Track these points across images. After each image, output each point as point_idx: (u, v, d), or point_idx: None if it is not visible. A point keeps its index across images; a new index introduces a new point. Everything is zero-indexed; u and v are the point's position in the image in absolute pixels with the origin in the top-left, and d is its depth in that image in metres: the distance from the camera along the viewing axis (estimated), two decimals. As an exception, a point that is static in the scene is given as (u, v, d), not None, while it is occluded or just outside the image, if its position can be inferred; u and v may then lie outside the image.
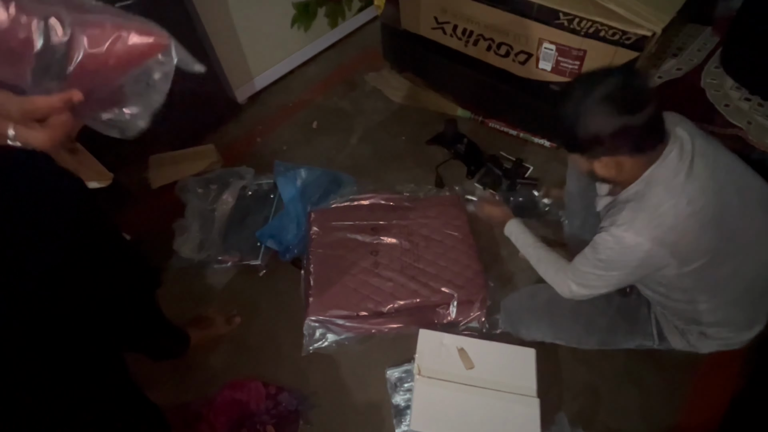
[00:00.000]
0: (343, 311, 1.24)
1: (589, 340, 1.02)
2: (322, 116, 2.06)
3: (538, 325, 1.06)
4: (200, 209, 1.58)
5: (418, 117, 2.01)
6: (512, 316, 1.13)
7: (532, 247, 1.04)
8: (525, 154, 1.78)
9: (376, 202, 1.56)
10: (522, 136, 1.83)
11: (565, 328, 1.02)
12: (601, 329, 1.00)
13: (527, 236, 1.08)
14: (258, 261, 1.46)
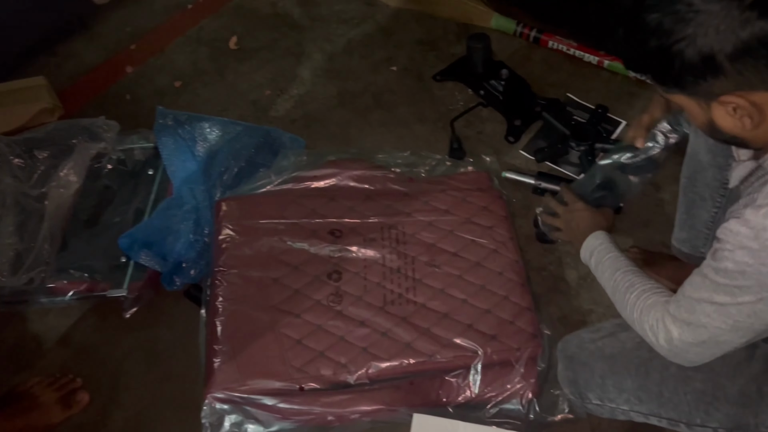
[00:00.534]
0: (276, 382, 1.22)
1: (709, 418, 1.03)
2: (248, 27, 2.05)
3: (620, 386, 1.07)
4: (17, 196, 1.53)
5: (421, 31, 2.00)
6: (576, 369, 1.13)
7: (621, 272, 1.05)
8: (612, 97, 1.78)
9: (341, 183, 1.55)
10: (607, 66, 1.83)
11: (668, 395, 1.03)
12: (734, 401, 1.01)
13: (618, 257, 1.08)
14: (122, 291, 1.43)
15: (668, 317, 0.91)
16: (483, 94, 1.79)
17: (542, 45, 1.90)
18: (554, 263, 1.50)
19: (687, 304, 0.88)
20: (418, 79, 1.88)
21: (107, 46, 2.00)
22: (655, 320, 0.93)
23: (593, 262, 1.13)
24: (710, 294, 0.84)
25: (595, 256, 1.12)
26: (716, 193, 1.20)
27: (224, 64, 1.94)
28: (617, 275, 1.06)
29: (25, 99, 1.77)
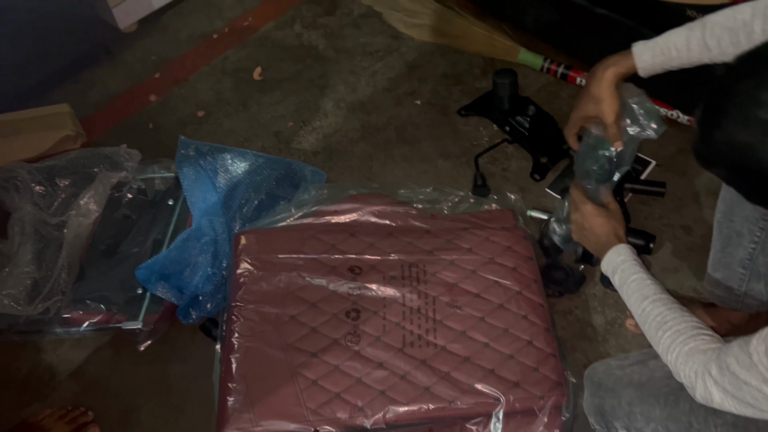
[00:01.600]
0: (290, 423, 1.19)
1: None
2: (273, 58, 2.07)
3: (649, 415, 1.05)
4: (36, 223, 1.55)
5: (446, 64, 2.01)
6: (602, 396, 1.12)
7: (650, 302, 1.04)
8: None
9: (362, 219, 1.54)
10: (636, 105, 1.83)
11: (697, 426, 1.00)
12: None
13: (644, 280, 1.07)
14: (137, 323, 1.43)
15: (709, 379, 0.88)
16: (508, 130, 1.78)
17: (570, 81, 1.89)
18: (580, 307, 1.47)
19: (733, 380, 0.85)
20: (442, 113, 1.88)
21: (131, 75, 2.02)
22: (693, 373, 0.91)
23: (617, 281, 1.12)
24: (759, 384, 0.81)
25: (619, 274, 1.12)
26: (755, 226, 1.17)
27: (248, 94, 1.95)
28: (645, 304, 1.04)
29: (49, 126, 1.78)
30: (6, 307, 1.44)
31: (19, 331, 1.45)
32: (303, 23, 2.15)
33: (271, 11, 2.19)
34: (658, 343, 0.99)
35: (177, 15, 2.20)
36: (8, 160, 1.69)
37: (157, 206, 1.62)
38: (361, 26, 2.14)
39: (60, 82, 1.98)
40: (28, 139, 1.76)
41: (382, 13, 2.15)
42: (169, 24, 2.17)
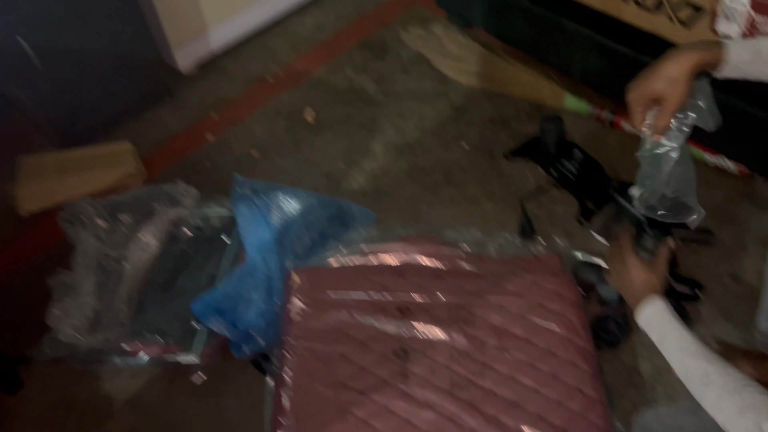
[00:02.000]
0: (340, 461, 1.21)
1: None
2: (325, 101, 2.13)
3: None
4: (99, 257, 1.61)
5: (493, 109, 2.05)
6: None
7: (691, 357, 1.02)
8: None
9: (411, 259, 1.57)
10: (684, 152, 1.83)
11: None
12: None
13: (683, 335, 1.05)
14: (192, 356, 1.47)
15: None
16: (555, 175, 1.80)
17: (616, 127, 1.90)
18: (627, 353, 1.47)
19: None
20: (488, 157, 1.91)
21: (190, 115, 2.11)
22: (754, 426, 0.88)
23: (654, 336, 1.10)
24: None
25: (656, 328, 1.10)
26: None
27: (300, 135, 2.01)
28: (688, 362, 1.02)
29: (112, 163, 1.87)
30: (68, 336, 1.49)
31: (80, 360, 1.49)
32: (354, 68, 2.22)
33: (324, 56, 2.27)
34: (704, 400, 0.97)
35: (234, 59, 2.29)
36: (74, 195, 1.77)
37: (213, 242, 1.67)
38: (410, 71, 2.19)
39: (123, 120, 2.07)
40: (93, 175, 1.84)
41: (431, 59, 2.21)
42: (226, 67, 2.26)
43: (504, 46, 2.16)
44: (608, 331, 1.45)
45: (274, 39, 2.35)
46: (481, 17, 2.10)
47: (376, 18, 2.40)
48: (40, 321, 1.56)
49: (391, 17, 2.39)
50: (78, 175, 1.84)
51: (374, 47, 2.29)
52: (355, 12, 2.43)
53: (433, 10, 2.33)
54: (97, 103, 1.96)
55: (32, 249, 1.77)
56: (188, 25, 2.11)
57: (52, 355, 1.50)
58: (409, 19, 2.37)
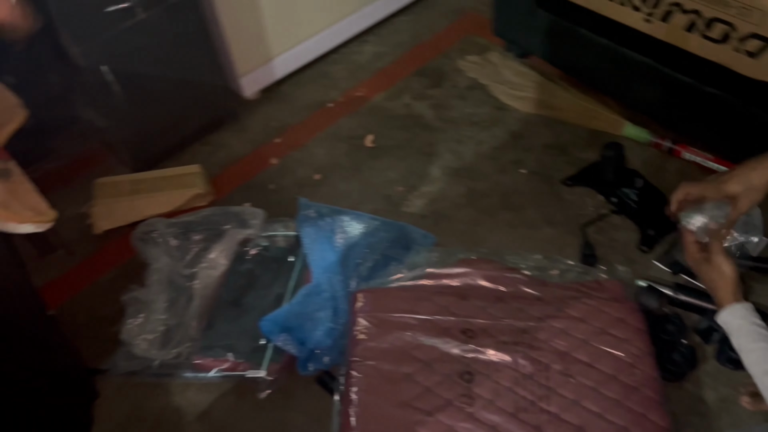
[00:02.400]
0: (407, 480, 1.23)
1: None
2: (384, 127, 2.17)
3: None
4: (171, 274, 1.68)
5: (551, 135, 2.06)
6: None
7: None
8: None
9: (473, 282, 1.59)
10: (746, 180, 1.81)
11: None
12: None
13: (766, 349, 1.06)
14: (260, 372, 1.50)
15: None
16: (615, 202, 1.81)
17: (676, 156, 1.90)
18: (692, 381, 1.45)
19: None
20: (547, 182, 1.92)
21: (255, 139, 2.17)
22: None
23: (737, 344, 1.11)
24: None
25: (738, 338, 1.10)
26: None
27: (360, 160, 2.06)
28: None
29: (182, 184, 1.94)
30: (143, 351, 1.55)
31: (152, 373, 1.55)
32: (412, 95, 2.26)
33: (383, 83, 2.32)
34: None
35: (296, 85, 2.36)
36: (147, 215, 1.84)
37: (279, 262, 1.72)
38: (467, 98, 2.23)
39: (191, 143, 2.15)
40: (164, 196, 1.91)
41: (487, 86, 2.24)
42: (289, 93, 2.33)
43: (561, 74, 2.18)
44: (674, 362, 1.44)
45: (334, 66, 2.42)
46: (538, 45, 2.13)
47: (433, 46, 2.45)
48: (113, 336, 1.63)
49: (447, 45, 2.43)
50: (150, 195, 1.92)
51: (431, 75, 2.33)
52: (412, 40, 2.49)
53: (490, 38, 2.37)
54: (168, 127, 2.04)
55: (106, 266, 1.84)
56: (254, 54, 2.18)
57: (126, 368, 1.56)
58: (466, 47, 2.41)
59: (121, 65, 1.80)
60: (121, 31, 1.75)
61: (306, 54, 2.35)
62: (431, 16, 2.59)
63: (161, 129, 2.04)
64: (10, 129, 1.16)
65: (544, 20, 2.04)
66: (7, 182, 1.03)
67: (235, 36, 2.08)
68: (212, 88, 2.08)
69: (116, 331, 1.62)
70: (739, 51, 1.57)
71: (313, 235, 1.71)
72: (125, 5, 1.71)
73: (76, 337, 1.67)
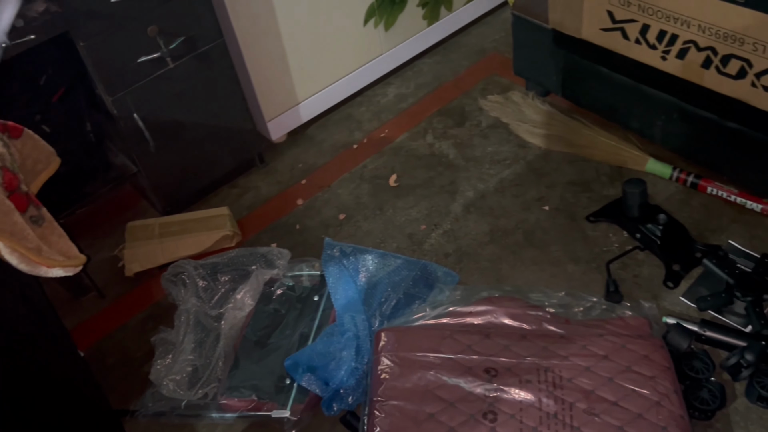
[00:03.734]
0: None
1: None
2: (407, 167, 2.19)
3: None
4: (199, 315, 1.70)
5: (573, 172, 2.06)
6: None
7: None
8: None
9: (496, 320, 1.58)
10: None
11: None
12: None
13: None
14: (285, 412, 1.50)
15: None
16: (639, 237, 1.79)
17: (700, 190, 1.88)
18: (721, 421, 1.41)
19: None
20: (570, 219, 1.92)
21: (281, 181, 2.21)
22: None
23: None
24: None
25: None
26: None
27: (384, 199, 2.08)
28: None
29: (211, 226, 1.98)
30: (170, 391, 1.56)
31: (179, 414, 1.56)
32: (435, 134, 2.29)
33: (406, 123, 2.35)
34: None
35: (321, 127, 2.40)
36: (176, 257, 1.88)
37: (304, 302, 1.74)
38: (489, 136, 2.24)
39: (220, 186, 2.20)
40: (192, 238, 1.95)
41: (509, 124, 2.26)
42: (314, 135, 2.37)
43: (582, 111, 2.19)
44: (702, 400, 1.41)
45: (358, 108, 2.46)
46: (559, 84, 2.15)
47: (455, 87, 2.48)
48: (142, 376, 1.66)
49: (469, 85, 2.46)
50: (179, 237, 1.96)
51: (454, 114, 2.36)
52: (435, 81, 2.53)
53: (511, 78, 2.39)
54: (197, 171, 2.09)
55: (137, 308, 1.87)
56: (281, 99, 2.24)
57: (154, 409, 1.58)
58: (488, 87, 2.44)
59: (152, 112, 1.87)
60: (153, 80, 1.82)
61: (331, 97, 2.39)
62: (454, 57, 2.63)
63: (191, 173, 2.09)
64: (44, 177, 1.21)
65: (563, 59, 2.06)
66: (39, 228, 1.06)
67: (262, 82, 2.14)
68: (240, 132, 2.13)
69: (145, 372, 1.65)
70: (756, 86, 1.56)
71: (337, 274, 1.72)
72: (156, 55, 1.78)
73: (105, 378, 1.70)
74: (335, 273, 1.73)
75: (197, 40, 1.86)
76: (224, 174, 2.19)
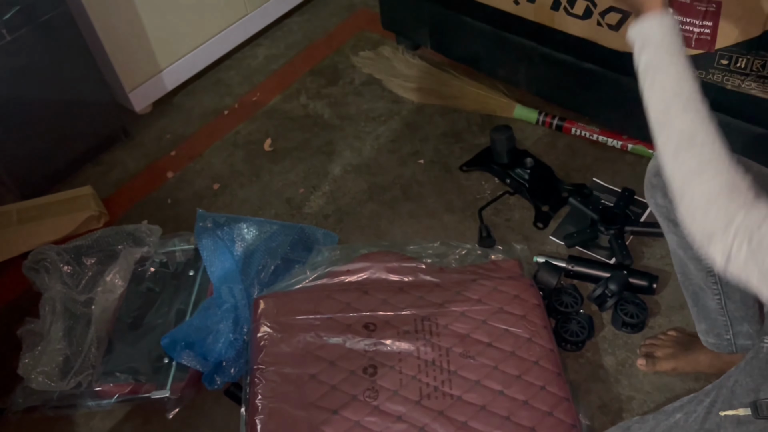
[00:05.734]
0: (316, 482, 1.23)
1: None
2: (281, 129, 2.17)
3: None
4: (66, 301, 1.62)
5: (445, 124, 2.10)
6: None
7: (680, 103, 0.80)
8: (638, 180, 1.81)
9: (374, 276, 1.59)
10: (631, 149, 1.89)
11: None
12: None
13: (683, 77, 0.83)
14: (165, 392, 1.47)
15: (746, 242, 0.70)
16: (509, 183, 1.85)
17: (565, 132, 1.96)
18: (591, 350, 1.51)
19: None
20: (444, 170, 1.95)
21: (149, 154, 2.12)
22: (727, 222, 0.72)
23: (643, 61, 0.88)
24: None
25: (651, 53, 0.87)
26: (709, 280, 1.20)
27: (259, 165, 2.04)
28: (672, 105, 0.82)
29: (74, 208, 1.87)
30: (40, 384, 1.48)
31: (53, 407, 1.49)
32: (308, 94, 2.26)
33: (278, 85, 2.31)
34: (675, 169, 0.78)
35: (189, 95, 2.31)
36: (37, 243, 1.77)
37: (179, 278, 1.69)
38: (363, 93, 2.24)
39: (82, 164, 2.08)
40: (54, 222, 1.84)
41: (382, 80, 2.26)
42: (182, 103, 2.28)
43: (452, 62, 2.22)
44: (572, 332, 1.49)
45: (227, 72, 2.38)
46: (426, 37, 2.16)
47: (326, 44, 2.45)
48: (11, 372, 1.56)
49: (340, 43, 2.44)
50: (40, 223, 1.84)
51: (326, 73, 2.33)
52: (305, 40, 2.48)
53: (381, 33, 2.38)
54: (53, 150, 1.97)
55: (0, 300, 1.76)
56: (141, 67, 2.13)
57: (26, 404, 1.50)
58: (359, 43, 2.42)
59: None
60: (-12, 55, 1.68)
61: (196, 63, 2.30)
62: (323, 14, 2.59)
63: (48, 152, 1.96)
64: None
65: (429, 11, 2.07)
66: None
67: (117, 50, 2.03)
68: (99, 105, 2.02)
69: (14, 367, 1.55)
70: (601, 25, 1.62)
71: (212, 246, 1.68)
72: (-12, 27, 1.64)
73: (-30, 378, 1.60)
74: (210, 245, 1.68)
75: (36, 8, 1.73)
76: (85, 151, 2.08)
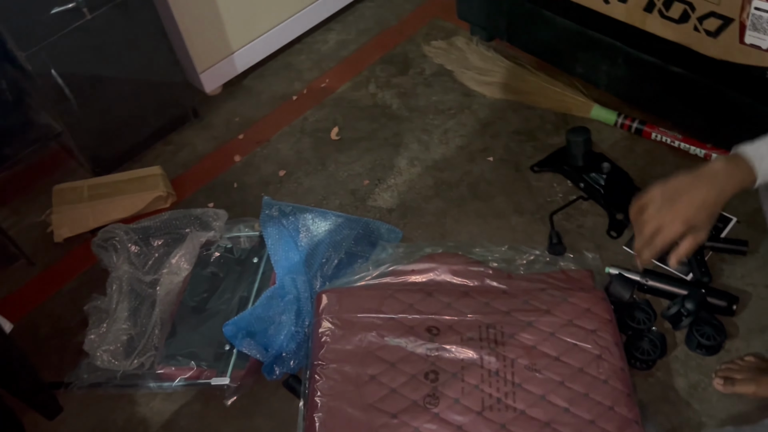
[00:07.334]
0: (373, 485, 1.22)
1: None
2: (349, 118, 2.15)
3: None
4: (132, 282, 1.65)
5: (518, 121, 2.04)
6: None
7: None
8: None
9: (439, 278, 1.57)
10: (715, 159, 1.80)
11: None
12: None
13: None
14: (225, 379, 1.48)
15: None
16: (583, 187, 1.79)
17: (645, 136, 1.88)
18: (662, 369, 1.45)
19: None
20: (515, 169, 1.90)
21: (217, 136, 2.14)
22: None
23: None
24: None
25: None
26: None
27: (326, 153, 2.03)
28: None
29: (143, 187, 1.90)
30: (105, 362, 1.53)
31: (116, 385, 1.53)
32: (377, 83, 2.23)
33: (347, 72, 2.28)
34: None
35: (259, 78, 2.31)
36: (107, 221, 1.81)
37: (243, 264, 1.69)
38: (433, 85, 2.19)
39: (152, 143, 2.11)
40: (124, 200, 1.88)
41: (454, 72, 2.21)
42: (251, 86, 2.29)
43: (528, 57, 2.15)
44: (643, 350, 1.43)
45: (297, 56, 2.38)
46: (503, 29, 2.10)
47: (398, 32, 2.41)
48: (77, 346, 1.61)
49: (412, 31, 2.40)
50: (110, 200, 1.88)
51: (397, 62, 2.30)
52: (377, 26, 2.45)
53: (455, 22, 2.33)
54: (126, 128, 2.00)
55: (67, 275, 1.81)
56: (213, 48, 2.14)
57: (89, 380, 1.54)
58: (431, 32, 2.37)
59: (72, 68, 1.76)
60: (69, 33, 1.71)
61: (268, 46, 2.30)
62: (397, 1, 2.55)
63: (120, 130, 2.00)
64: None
65: (507, 3, 2.01)
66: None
67: (191, 31, 2.04)
68: (171, 85, 2.04)
69: (80, 342, 1.60)
70: (699, 30, 1.54)
71: (276, 235, 1.68)
72: (71, 5, 1.66)
73: (39, 349, 1.65)
74: (274, 234, 1.69)
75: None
76: (156, 130, 2.10)
